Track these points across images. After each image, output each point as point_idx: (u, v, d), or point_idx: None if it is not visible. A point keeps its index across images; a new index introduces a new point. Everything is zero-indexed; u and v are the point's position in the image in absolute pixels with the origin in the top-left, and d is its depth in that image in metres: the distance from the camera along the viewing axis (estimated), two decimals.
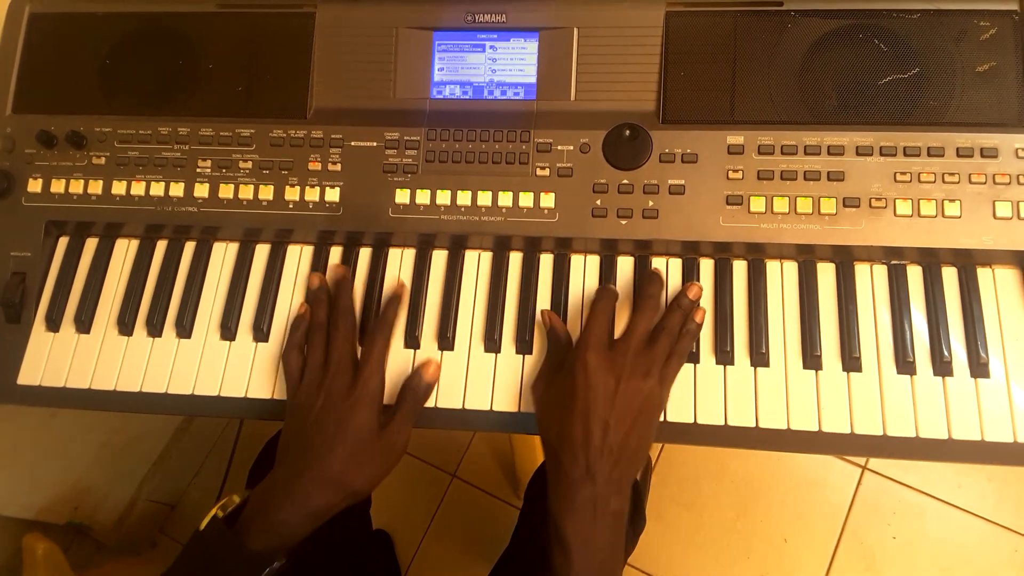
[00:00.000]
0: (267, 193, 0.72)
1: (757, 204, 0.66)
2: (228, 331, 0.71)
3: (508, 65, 0.73)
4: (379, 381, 0.64)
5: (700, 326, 0.65)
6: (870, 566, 1.36)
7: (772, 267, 0.68)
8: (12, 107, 0.76)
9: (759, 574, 1.38)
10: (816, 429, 0.63)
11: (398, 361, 0.68)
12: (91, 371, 0.71)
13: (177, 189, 0.72)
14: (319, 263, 0.72)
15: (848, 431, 0.62)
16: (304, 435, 0.62)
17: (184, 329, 0.71)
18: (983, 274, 0.66)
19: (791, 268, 0.68)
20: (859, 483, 1.41)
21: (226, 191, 0.72)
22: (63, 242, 0.75)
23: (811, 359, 0.64)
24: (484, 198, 0.70)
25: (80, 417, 1.16)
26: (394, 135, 0.72)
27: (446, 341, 0.69)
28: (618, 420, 0.58)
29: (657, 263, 0.69)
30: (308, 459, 0.60)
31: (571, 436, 0.58)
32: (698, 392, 0.65)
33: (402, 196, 0.70)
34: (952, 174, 0.65)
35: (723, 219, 0.67)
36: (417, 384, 0.65)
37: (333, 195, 0.71)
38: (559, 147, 0.70)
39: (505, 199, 0.69)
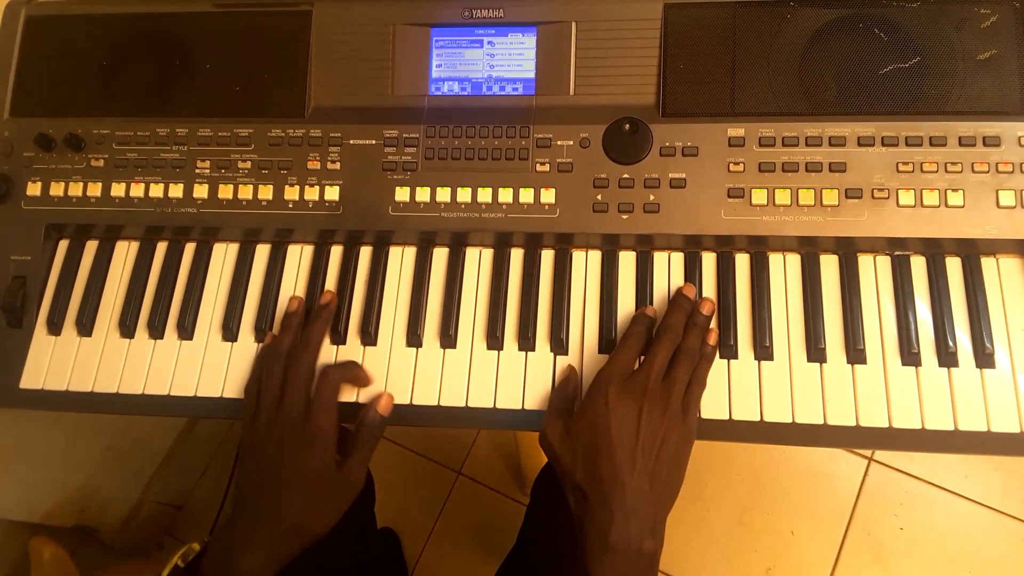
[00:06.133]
0: (266, 193, 0.71)
1: (759, 197, 0.66)
2: (230, 332, 0.71)
3: (506, 60, 0.72)
4: (331, 422, 0.63)
5: (715, 349, 0.64)
6: (878, 557, 1.35)
7: (775, 260, 0.68)
8: (10, 110, 0.76)
9: (766, 567, 1.38)
10: (821, 422, 0.62)
11: (401, 359, 0.68)
12: (93, 374, 0.71)
13: (176, 190, 0.72)
14: (320, 262, 0.72)
15: (853, 424, 0.62)
16: (260, 479, 0.61)
17: (186, 331, 0.71)
18: (987, 264, 0.65)
19: (794, 261, 0.67)
20: (866, 474, 1.41)
21: (225, 191, 0.72)
22: (63, 245, 0.75)
23: (815, 352, 0.64)
24: (484, 195, 0.69)
25: (85, 420, 1.16)
26: (393, 133, 0.71)
27: (448, 339, 0.68)
28: (644, 455, 0.57)
29: (659, 257, 0.69)
30: (264, 507, 0.60)
31: (599, 475, 0.56)
32: None
33: (402, 194, 0.70)
34: (955, 163, 0.64)
35: (725, 212, 0.66)
36: (372, 419, 0.64)
37: (333, 194, 0.71)
38: (559, 142, 0.69)
39: (505, 195, 0.69)
